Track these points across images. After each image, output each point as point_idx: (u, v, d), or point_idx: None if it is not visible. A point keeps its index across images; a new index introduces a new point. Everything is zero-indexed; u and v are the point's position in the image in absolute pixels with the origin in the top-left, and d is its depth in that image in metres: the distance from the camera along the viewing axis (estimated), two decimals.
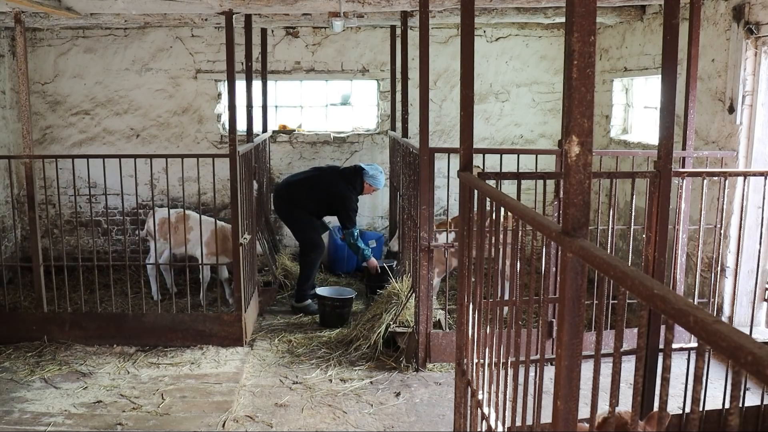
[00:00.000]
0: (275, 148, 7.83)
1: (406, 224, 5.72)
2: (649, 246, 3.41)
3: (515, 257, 2.41)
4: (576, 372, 1.68)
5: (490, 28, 7.65)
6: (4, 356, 5.04)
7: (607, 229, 4.48)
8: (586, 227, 1.63)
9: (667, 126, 3.29)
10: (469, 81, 2.86)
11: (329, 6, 5.34)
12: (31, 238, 5.38)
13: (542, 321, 2.54)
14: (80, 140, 7.72)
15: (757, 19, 4.65)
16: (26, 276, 6.66)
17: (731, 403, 1.06)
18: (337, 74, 7.78)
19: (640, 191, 5.17)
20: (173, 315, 5.37)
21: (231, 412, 4.15)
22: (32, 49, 7.51)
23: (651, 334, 3.39)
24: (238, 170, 5.17)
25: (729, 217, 4.85)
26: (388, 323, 5.20)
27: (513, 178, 3.51)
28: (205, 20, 6.43)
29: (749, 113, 4.78)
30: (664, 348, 1.30)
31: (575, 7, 1.56)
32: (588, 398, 1.82)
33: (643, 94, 6.82)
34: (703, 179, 3.85)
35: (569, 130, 1.61)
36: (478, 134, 7.20)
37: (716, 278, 4.15)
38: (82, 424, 4.02)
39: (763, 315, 4.86)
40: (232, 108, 5.10)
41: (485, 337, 2.57)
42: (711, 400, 3.65)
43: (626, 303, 1.55)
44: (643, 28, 6.37)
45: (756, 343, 0.94)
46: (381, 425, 4.01)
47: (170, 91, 7.69)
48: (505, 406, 2.43)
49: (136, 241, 7.66)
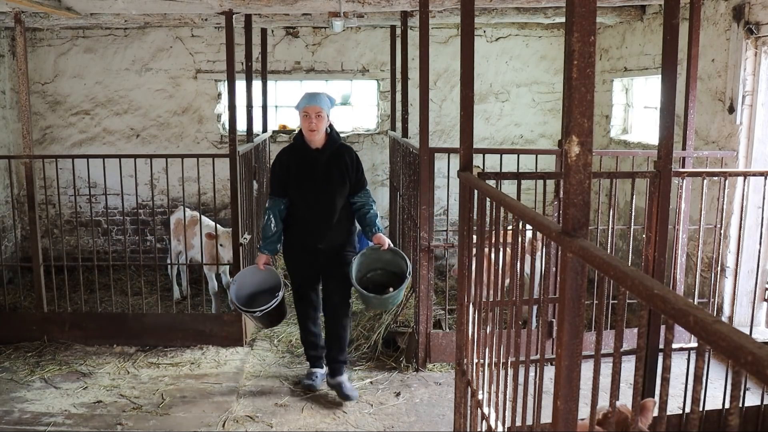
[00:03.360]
0: (275, 148, 7.82)
1: (405, 224, 5.72)
2: (649, 246, 3.41)
3: (516, 257, 2.41)
4: (576, 372, 1.68)
5: (490, 28, 7.65)
6: (4, 356, 5.04)
7: (607, 229, 4.48)
8: (586, 227, 1.63)
9: (667, 126, 3.29)
10: (469, 81, 2.86)
11: (329, 6, 5.34)
12: (31, 238, 5.38)
13: (542, 321, 2.54)
14: (80, 140, 7.72)
15: (757, 19, 4.64)
16: (26, 276, 6.67)
17: (731, 403, 1.06)
18: (337, 74, 7.78)
19: (640, 191, 5.17)
20: (173, 315, 5.37)
21: (231, 412, 4.15)
22: (32, 49, 7.51)
23: (651, 334, 3.40)
24: (238, 170, 5.17)
25: (729, 217, 4.85)
26: (388, 323, 5.20)
27: (513, 178, 3.52)
28: (205, 20, 6.43)
29: (749, 113, 4.78)
30: (664, 348, 1.30)
31: (575, 7, 1.55)
32: (588, 398, 1.82)
33: (643, 94, 6.82)
34: (703, 179, 3.85)
35: (569, 130, 1.61)
36: (478, 134, 7.20)
37: (716, 278, 4.15)
38: (82, 424, 4.02)
39: (763, 315, 4.86)
40: (232, 108, 5.10)
41: (485, 337, 2.57)
42: (711, 400, 3.65)
43: (626, 303, 1.55)
44: (643, 28, 6.37)
45: (756, 343, 0.94)
46: (381, 425, 4.01)
47: (170, 91, 7.69)
48: (505, 406, 2.43)
49: (136, 241, 7.66)
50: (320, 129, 4.06)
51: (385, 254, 4.25)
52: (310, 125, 4.03)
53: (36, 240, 5.32)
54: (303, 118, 4.06)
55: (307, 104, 4.03)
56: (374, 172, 7.88)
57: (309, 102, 4.04)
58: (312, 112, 4.01)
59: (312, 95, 4.09)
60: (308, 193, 4.15)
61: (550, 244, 2.75)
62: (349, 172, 4.18)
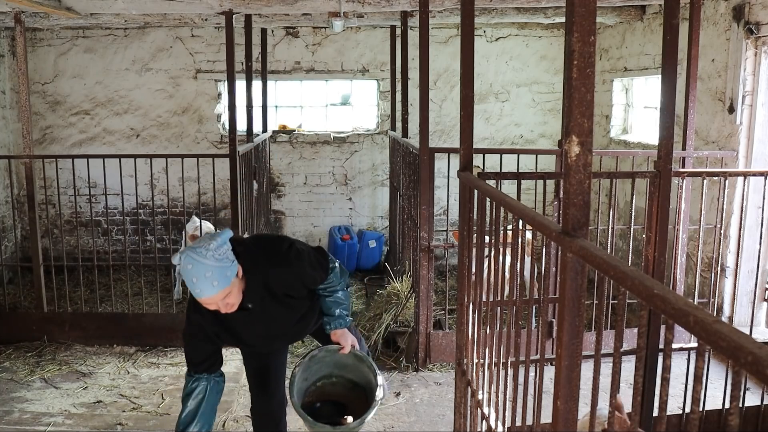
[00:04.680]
0: (275, 148, 7.83)
1: (405, 224, 5.72)
2: (649, 246, 3.41)
3: (516, 257, 2.41)
4: (576, 372, 1.68)
5: (490, 28, 7.65)
6: (4, 356, 5.04)
7: (607, 229, 4.48)
8: (586, 227, 1.63)
9: (667, 126, 3.29)
10: (469, 81, 2.86)
11: (329, 6, 5.34)
12: (31, 238, 5.38)
13: (542, 321, 2.53)
14: (80, 140, 7.73)
15: (757, 19, 4.64)
16: (26, 276, 6.67)
17: (731, 403, 1.06)
18: (337, 74, 7.78)
19: (640, 191, 5.17)
20: (173, 315, 5.36)
21: (231, 412, 4.15)
22: (32, 49, 7.51)
23: (651, 334, 3.39)
24: (238, 170, 5.17)
25: (729, 217, 4.85)
26: (388, 323, 5.20)
27: (513, 178, 3.52)
28: (205, 20, 6.43)
29: (749, 113, 4.78)
30: (664, 348, 1.30)
31: (575, 7, 1.55)
32: (588, 398, 1.82)
33: (643, 94, 6.82)
34: (703, 179, 3.85)
35: (569, 130, 1.61)
36: (478, 134, 7.20)
37: (716, 278, 4.15)
38: (82, 424, 4.02)
39: (763, 315, 4.86)
40: (232, 108, 5.10)
41: (485, 337, 2.57)
42: (711, 400, 3.65)
43: (626, 303, 1.55)
44: (643, 28, 6.37)
45: (756, 343, 0.94)
46: (381, 425, 4.01)
47: (170, 91, 7.69)
48: (505, 406, 2.43)
49: (136, 241, 7.66)
50: (236, 302, 2.51)
51: (346, 358, 2.90)
52: (224, 309, 2.48)
53: (36, 240, 5.32)
54: (207, 304, 2.46)
55: (201, 296, 2.38)
56: (374, 172, 7.89)
57: (202, 293, 2.36)
58: (214, 302, 2.43)
59: (198, 279, 2.33)
60: (260, 345, 2.93)
61: (550, 244, 2.75)
62: (296, 293, 2.74)
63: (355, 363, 2.95)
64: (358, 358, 2.91)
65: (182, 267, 2.35)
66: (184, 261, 2.34)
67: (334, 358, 2.93)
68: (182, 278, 2.65)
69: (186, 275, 2.35)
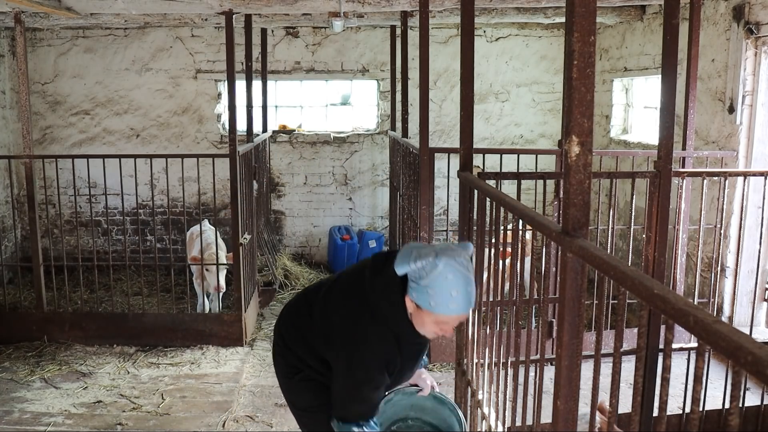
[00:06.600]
0: (275, 148, 7.83)
1: (405, 224, 5.72)
2: (649, 246, 3.41)
3: (516, 258, 2.41)
4: (576, 372, 1.68)
5: (490, 28, 7.66)
6: (4, 356, 5.04)
7: (607, 229, 4.48)
8: (586, 227, 1.63)
9: (667, 126, 3.29)
10: (469, 81, 2.86)
11: (329, 6, 5.34)
12: (31, 238, 5.38)
13: (542, 321, 2.54)
14: (80, 140, 7.72)
15: (757, 19, 4.64)
16: (26, 276, 6.67)
17: (731, 403, 1.06)
18: (337, 74, 7.78)
19: (640, 191, 5.17)
20: (173, 315, 5.36)
21: (231, 412, 4.15)
22: (32, 49, 7.51)
23: (651, 334, 3.39)
24: (238, 170, 5.17)
25: (729, 217, 4.85)
26: None
27: (513, 178, 3.51)
28: (205, 20, 6.43)
29: (749, 113, 4.78)
30: (664, 348, 1.30)
31: (575, 7, 1.56)
32: (588, 398, 1.82)
33: (643, 94, 6.82)
34: (703, 179, 3.85)
35: (569, 130, 1.61)
36: (478, 134, 7.20)
37: (716, 278, 4.15)
38: (82, 424, 4.02)
39: (763, 315, 4.86)
40: (232, 108, 5.10)
41: (485, 337, 2.57)
42: (711, 400, 3.65)
43: (626, 303, 1.55)
44: (643, 28, 6.37)
45: (756, 343, 0.94)
46: None
47: (170, 91, 7.69)
48: (505, 406, 2.43)
49: (136, 241, 7.66)
50: None
51: (425, 400, 2.70)
52: (445, 331, 2.24)
53: (36, 240, 5.32)
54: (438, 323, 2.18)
55: (456, 312, 2.13)
56: (374, 172, 7.88)
57: (459, 308, 2.12)
58: (456, 321, 2.23)
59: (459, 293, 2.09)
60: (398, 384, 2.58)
61: (550, 244, 2.75)
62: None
63: (435, 405, 2.73)
64: (439, 401, 2.70)
65: (436, 274, 2.06)
66: (444, 269, 2.05)
67: (410, 400, 2.73)
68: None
69: (441, 285, 2.06)
